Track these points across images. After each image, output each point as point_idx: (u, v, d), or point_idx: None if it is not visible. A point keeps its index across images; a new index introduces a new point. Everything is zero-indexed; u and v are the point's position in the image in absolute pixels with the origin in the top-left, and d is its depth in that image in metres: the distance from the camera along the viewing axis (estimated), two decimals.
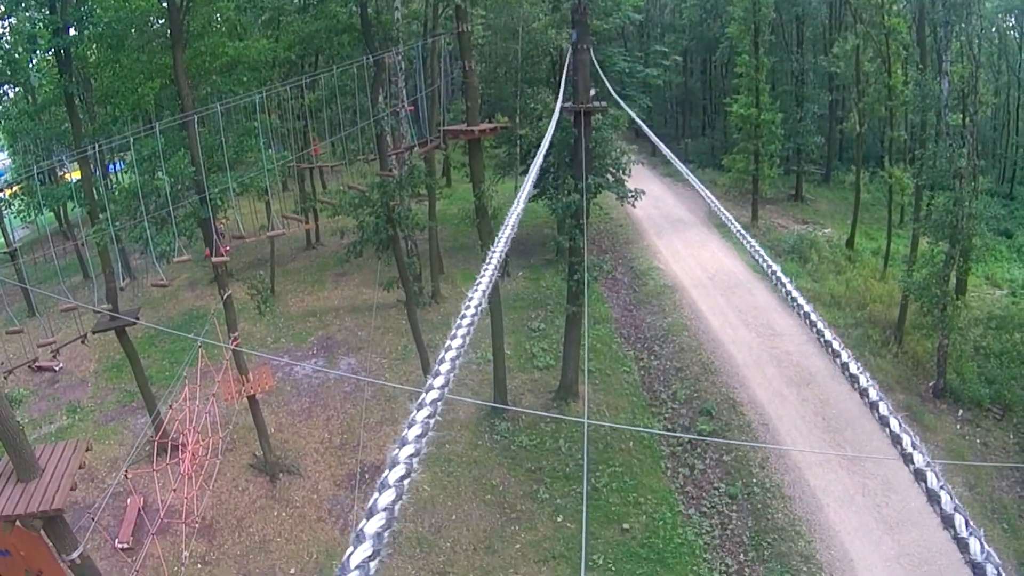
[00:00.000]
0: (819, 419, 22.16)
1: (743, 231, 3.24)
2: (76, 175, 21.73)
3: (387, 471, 1.36)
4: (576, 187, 21.15)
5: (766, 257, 3.10)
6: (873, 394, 1.75)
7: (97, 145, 17.82)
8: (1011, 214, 40.13)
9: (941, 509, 1.37)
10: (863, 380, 1.81)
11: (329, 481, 20.88)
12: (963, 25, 24.41)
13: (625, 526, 19.01)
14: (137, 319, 20.67)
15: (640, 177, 31.04)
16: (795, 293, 2.44)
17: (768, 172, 40.49)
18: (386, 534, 1.19)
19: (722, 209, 3.79)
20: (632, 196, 32.03)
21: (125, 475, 16.31)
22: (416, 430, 1.46)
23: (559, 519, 19.32)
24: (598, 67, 20.38)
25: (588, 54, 20.04)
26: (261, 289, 22.80)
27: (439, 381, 1.65)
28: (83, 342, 19.91)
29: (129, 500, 19.28)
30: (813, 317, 2.24)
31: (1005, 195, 46.70)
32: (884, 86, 34.53)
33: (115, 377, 26.06)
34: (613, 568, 17.79)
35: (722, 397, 23.58)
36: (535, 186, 33.39)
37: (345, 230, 25.64)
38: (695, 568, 17.93)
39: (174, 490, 16.12)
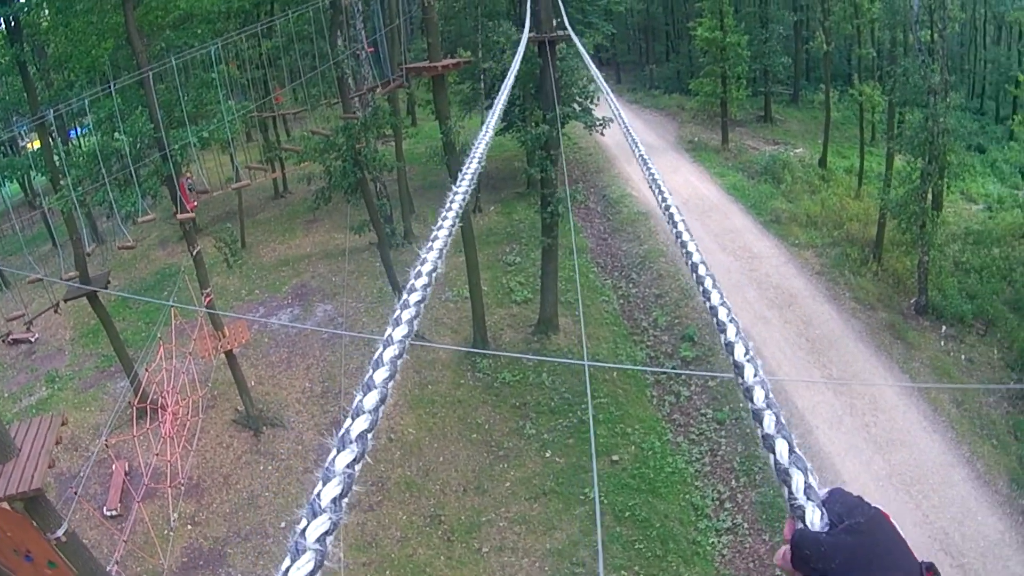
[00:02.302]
0: (802, 340, 22.23)
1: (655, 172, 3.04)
2: (37, 144, 21.23)
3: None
4: (544, 118, 20.78)
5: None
6: (715, 298, 1.62)
7: (52, 111, 17.34)
8: (982, 129, 40.16)
9: (752, 405, 1.21)
10: (707, 282, 1.72)
11: (313, 431, 20.73)
12: None
13: (615, 457, 19.05)
14: (108, 284, 20.34)
15: (605, 105, 30.58)
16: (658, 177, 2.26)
17: (736, 94, 40.17)
18: (370, 436, 1.03)
19: (642, 151, 3.53)
20: (600, 125, 31.64)
21: (106, 443, 16.12)
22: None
23: (547, 454, 19.34)
24: None
25: None
26: (229, 242, 22.43)
27: (407, 314, 1.41)
28: (55, 311, 19.61)
29: (114, 467, 19.08)
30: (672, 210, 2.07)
31: (975, 110, 46.74)
32: (850, 3, 34.20)
33: (91, 343, 25.67)
34: (605, 500, 17.82)
35: (703, 322, 23.50)
36: (503, 119, 33.14)
37: (312, 176, 25.23)
38: (687, 496, 18.02)
39: (157, 454, 15.96)
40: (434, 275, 1.68)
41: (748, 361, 1.31)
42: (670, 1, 60.55)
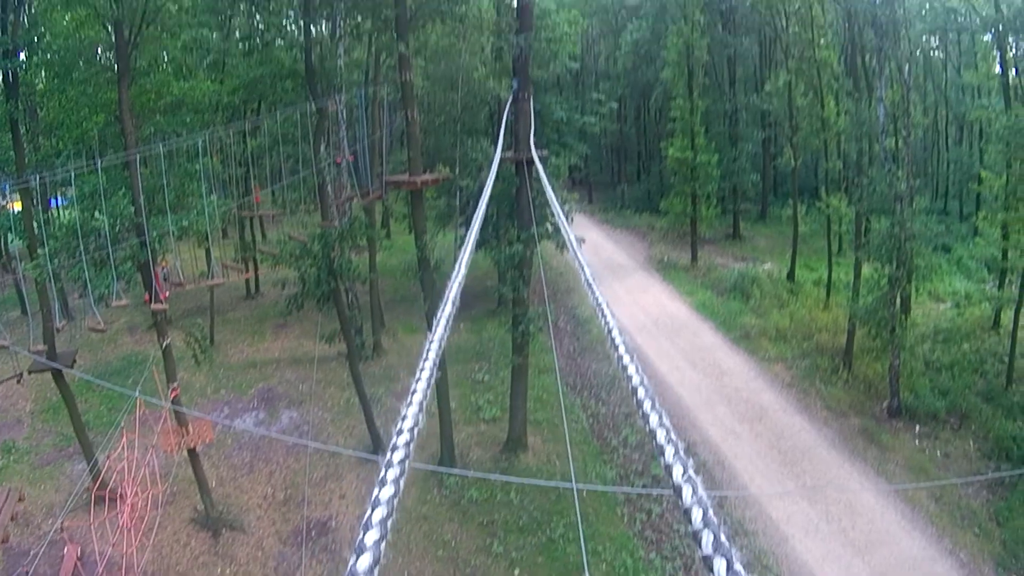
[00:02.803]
0: (774, 452, 22.25)
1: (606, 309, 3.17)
2: (18, 205, 21.13)
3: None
4: (519, 237, 21.02)
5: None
6: (641, 393, 1.81)
7: (38, 177, 17.34)
8: (947, 229, 41.15)
9: (691, 526, 1.35)
10: (646, 405, 1.81)
11: (274, 538, 20.21)
12: (893, 50, 25.01)
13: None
14: (73, 362, 20.15)
15: (578, 224, 31.18)
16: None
17: (706, 213, 41.10)
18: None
19: (596, 291, 3.64)
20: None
21: (61, 527, 15.66)
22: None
23: (516, 573, 18.90)
24: (537, 117, 20.42)
25: (529, 103, 20.07)
26: (199, 338, 22.22)
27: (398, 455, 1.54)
28: (18, 382, 19.20)
29: (66, 549, 18.42)
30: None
31: (940, 211, 47.98)
32: (817, 118, 35.32)
33: (52, 419, 25.13)
34: None
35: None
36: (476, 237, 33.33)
37: (286, 281, 25.27)
38: None
39: (113, 544, 15.45)
40: (416, 431, 1.71)
41: (686, 482, 1.39)
42: (643, 121, 62.45)
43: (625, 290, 36.06)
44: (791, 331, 30.34)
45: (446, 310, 2.95)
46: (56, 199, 30.31)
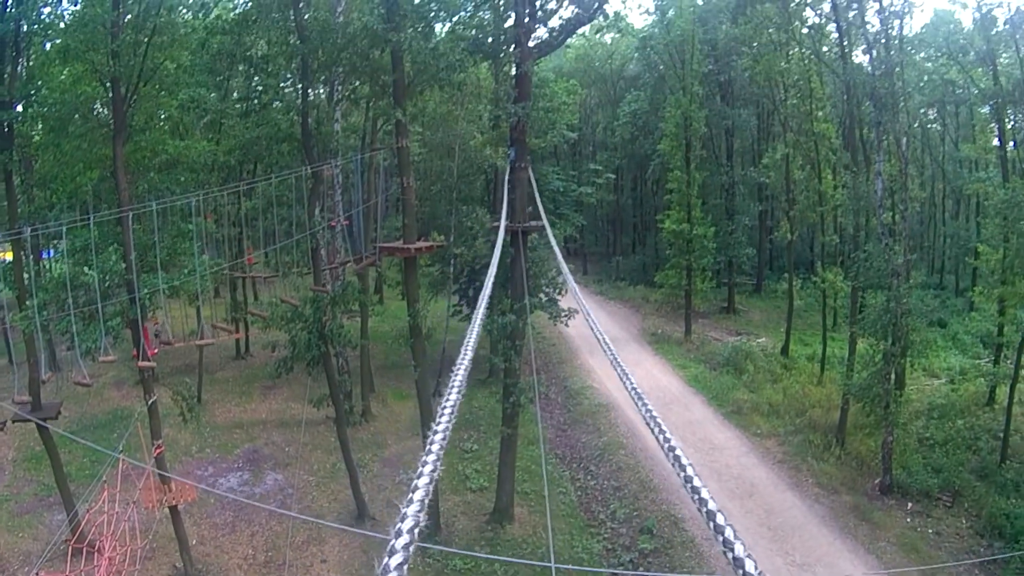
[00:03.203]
0: (764, 529, 21.86)
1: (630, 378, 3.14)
2: (8, 255, 21.08)
3: None
4: (512, 307, 20.94)
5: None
6: (711, 505, 1.84)
7: (30, 229, 17.28)
8: (943, 304, 41.15)
9: None
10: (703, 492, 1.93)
11: None
12: (891, 123, 25.15)
13: None
14: (58, 414, 19.89)
15: (572, 296, 31.04)
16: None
17: (701, 286, 41.18)
18: None
19: (614, 355, 3.62)
20: (565, 315, 31.99)
21: None
22: None
23: None
24: (534, 186, 20.49)
25: (527, 172, 20.15)
26: (187, 397, 21.92)
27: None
28: (1, 430, 18.92)
29: None
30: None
31: (936, 285, 48.06)
32: (815, 192, 35.46)
33: (34, 468, 24.77)
34: None
35: (663, 514, 23.13)
36: (468, 305, 33.37)
37: (276, 344, 25.11)
38: None
39: None
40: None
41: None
42: (640, 193, 62.84)
43: None
44: (784, 406, 30.11)
45: (452, 397, 2.88)
46: (48, 251, 30.34)
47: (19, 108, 19.51)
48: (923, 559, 20.52)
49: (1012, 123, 34.46)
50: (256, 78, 29.13)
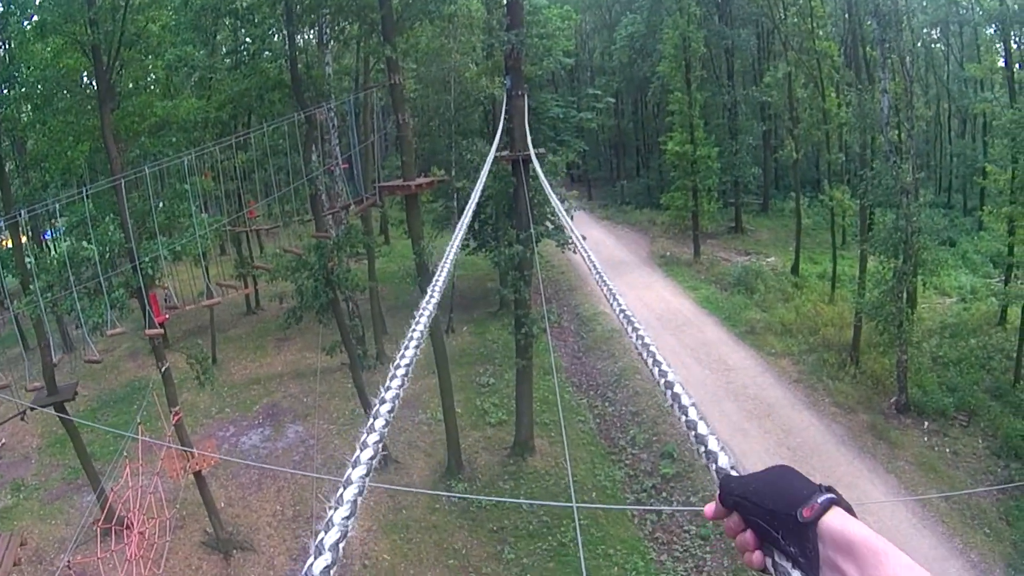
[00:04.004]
0: (783, 449, 21.84)
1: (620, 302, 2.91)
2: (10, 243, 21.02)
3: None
4: (518, 237, 20.71)
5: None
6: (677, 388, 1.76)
7: (22, 212, 17.09)
8: (951, 223, 40.79)
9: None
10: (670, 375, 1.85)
11: (285, 556, 19.96)
12: (895, 41, 24.64)
13: None
14: (75, 395, 19.80)
15: (578, 222, 30.86)
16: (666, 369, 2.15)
17: (707, 207, 40.71)
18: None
19: (608, 283, 3.41)
20: (573, 242, 31.74)
21: (68, 565, 15.36)
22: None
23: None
24: (532, 113, 20.11)
25: (523, 100, 19.76)
26: (200, 359, 21.86)
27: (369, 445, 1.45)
28: (22, 419, 18.96)
29: None
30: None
31: (944, 205, 47.56)
32: (819, 110, 34.97)
33: (59, 453, 24.79)
34: None
35: (682, 438, 22.93)
36: (475, 239, 33.24)
37: (284, 295, 24.94)
38: None
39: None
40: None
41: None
42: (641, 116, 61.82)
43: (628, 286, 35.61)
44: (796, 326, 29.91)
45: (424, 317, 2.68)
46: (48, 232, 30.19)
47: (3, 92, 19.21)
48: (941, 479, 20.59)
49: (1017, 45, 33.69)
50: (243, 30, 28.56)
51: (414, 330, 2.26)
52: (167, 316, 20.88)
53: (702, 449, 1.40)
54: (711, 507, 1.25)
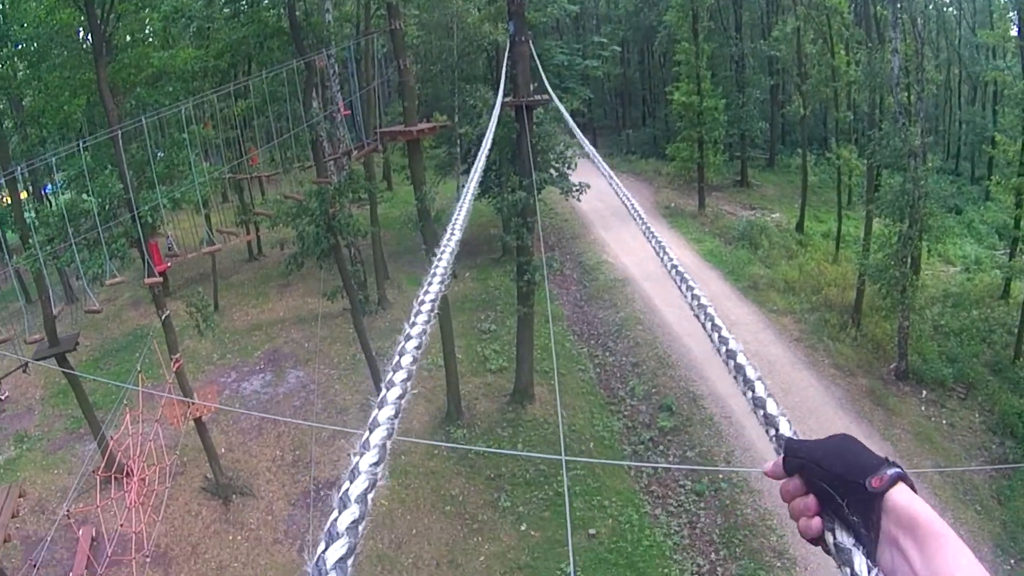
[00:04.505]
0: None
1: (653, 231, 2.82)
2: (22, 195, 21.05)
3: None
4: (521, 184, 20.56)
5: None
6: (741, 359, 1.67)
7: (19, 168, 17.02)
8: (959, 190, 40.56)
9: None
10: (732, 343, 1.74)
11: (284, 500, 20.18)
12: (907, 1, 24.26)
13: (592, 531, 18.48)
14: (77, 345, 19.95)
15: (583, 171, 30.62)
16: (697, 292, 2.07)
17: (713, 159, 40.40)
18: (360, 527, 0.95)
19: (637, 209, 3.34)
20: (577, 190, 31.57)
21: (67, 514, 15.51)
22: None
23: (523, 527, 18.77)
24: (537, 60, 19.82)
25: (527, 46, 19.49)
26: (200, 307, 21.85)
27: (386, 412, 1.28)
28: (24, 371, 19.03)
29: (81, 531, 18.35)
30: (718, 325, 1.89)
31: (951, 171, 47.23)
32: (827, 67, 34.63)
33: (61, 403, 24.90)
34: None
35: (681, 391, 23.18)
36: (479, 185, 33.01)
37: (285, 242, 24.81)
38: (665, 570, 17.46)
39: (122, 524, 15.28)
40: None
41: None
42: (647, 66, 61.03)
43: (631, 236, 35.30)
44: (800, 284, 29.80)
45: (451, 241, 2.71)
46: (48, 186, 30.11)
47: None
48: (936, 450, 20.69)
49: None
50: None
51: (437, 266, 2.18)
52: (169, 264, 20.85)
53: (761, 413, 1.40)
54: (772, 466, 1.25)
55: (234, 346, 28.23)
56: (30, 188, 32.30)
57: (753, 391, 1.47)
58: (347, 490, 1.02)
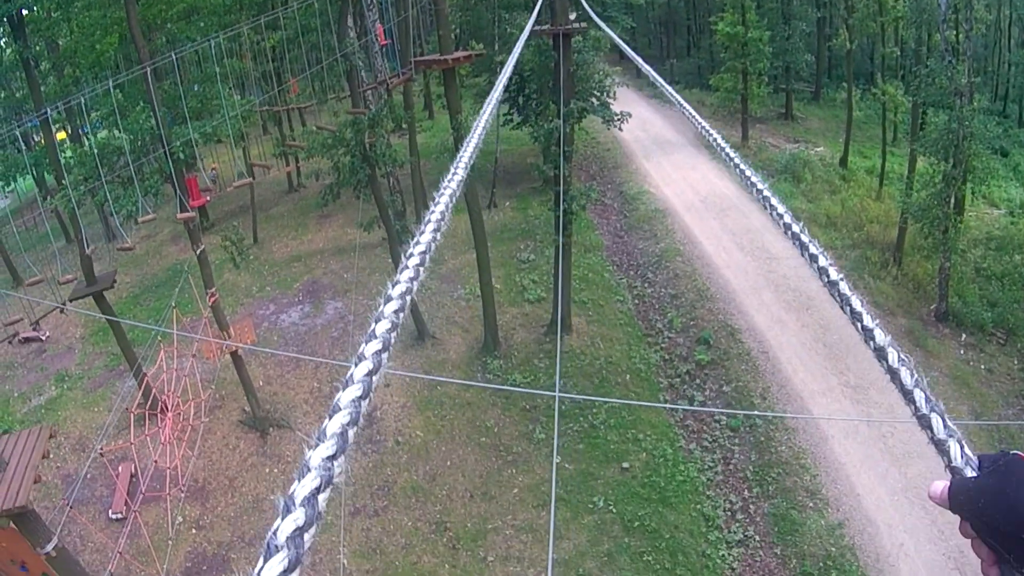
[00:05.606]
0: (820, 345, 21.65)
1: (733, 154, 2.63)
2: (60, 136, 21.16)
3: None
4: (558, 113, 20.27)
5: (757, 182, 2.41)
6: (867, 320, 1.48)
7: (56, 107, 17.06)
8: (1005, 132, 39.41)
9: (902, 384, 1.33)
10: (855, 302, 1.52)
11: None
12: None
13: (625, 464, 18.58)
14: (114, 283, 20.10)
15: (626, 100, 30.18)
16: (788, 218, 1.87)
17: (757, 91, 39.50)
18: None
19: (713, 133, 3.15)
20: (618, 119, 31.14)
21: (100, 452, 15.82)
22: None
23: (556, 460, 18.85)
24: None
25: None
26: (236, 241, 21.94)
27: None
28: (62, 311, 19.28)
29: (120, 467, 18.77)
30: (808, 243, 1.68)
31: (998, 113, 45.84)
32: (874, 1, 33.74)
33: (101, 341, 25.25)
34: (614, 510, 17.39)
35: (719, 324, 23.03)
36: (519, 112, 32.70)
37: (320, 173, 24.75)
38: (698, 506, 17.55)
39: (156, 460, 15.53)
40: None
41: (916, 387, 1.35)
42: None
43: (673, 166, 34.98)
44: (841, 219, 29.36)
45: (468, 148, 2.61)
46: (86, 126, 30.26)
47: None
48: (973, 395, 20.39)
49: None
50: None
51: (446, 186, 2.07)
52: (207, 199, 20.86)
53: (929, 435, 1.28)
54: (939, 495, 1.14)
55: (273, 278, 28.45)
56: (68, 130, 32.59)
57: (915, 403, 1.32)
58: (350, 374, 1.04)
